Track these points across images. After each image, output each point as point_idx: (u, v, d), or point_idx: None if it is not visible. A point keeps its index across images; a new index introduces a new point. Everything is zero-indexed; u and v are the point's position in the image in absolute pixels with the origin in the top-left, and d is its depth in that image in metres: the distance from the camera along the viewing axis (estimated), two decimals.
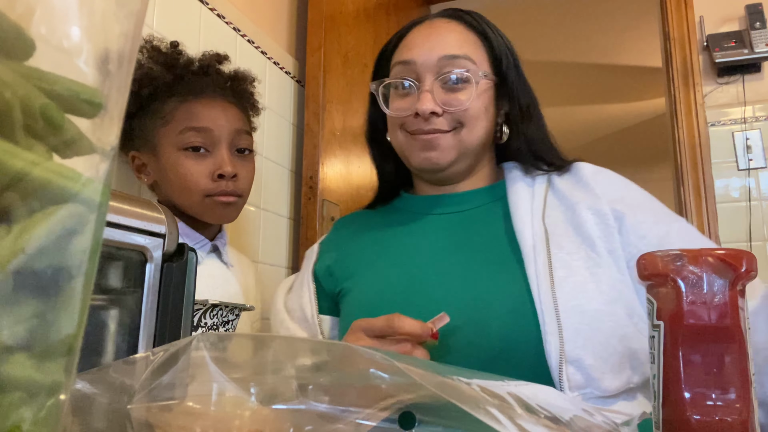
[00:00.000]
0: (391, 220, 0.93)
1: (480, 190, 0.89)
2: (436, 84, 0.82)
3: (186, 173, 0.93)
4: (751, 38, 1.78)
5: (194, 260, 0.49)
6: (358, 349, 0.31)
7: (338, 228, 1.00)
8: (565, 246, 0.75)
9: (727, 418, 0.36)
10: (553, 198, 0.83)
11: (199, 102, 0.96)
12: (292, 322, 0.88)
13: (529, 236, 0.77)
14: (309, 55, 1.69)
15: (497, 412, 0.27)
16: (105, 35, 0.20)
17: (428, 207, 0.90)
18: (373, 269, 0.86)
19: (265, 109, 1.56)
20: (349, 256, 0.91)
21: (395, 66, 0.87)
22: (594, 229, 0.76)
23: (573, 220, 0.78)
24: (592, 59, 3.77)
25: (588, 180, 0.83)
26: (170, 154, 0.94)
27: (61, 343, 0.20)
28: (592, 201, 0.79)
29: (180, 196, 0.95)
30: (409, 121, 0.84)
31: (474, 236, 0.83)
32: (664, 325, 0.39)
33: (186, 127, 0.94)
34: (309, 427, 0.28)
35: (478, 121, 0.83)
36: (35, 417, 0.19)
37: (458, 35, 0.85)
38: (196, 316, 0.76)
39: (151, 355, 0.32)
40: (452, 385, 0.29)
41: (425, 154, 0.83)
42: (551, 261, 0.73)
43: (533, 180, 0.87)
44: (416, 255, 0.84)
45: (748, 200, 1.77)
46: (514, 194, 0.84)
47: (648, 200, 0.83)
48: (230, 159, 0.96)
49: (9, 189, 0.17)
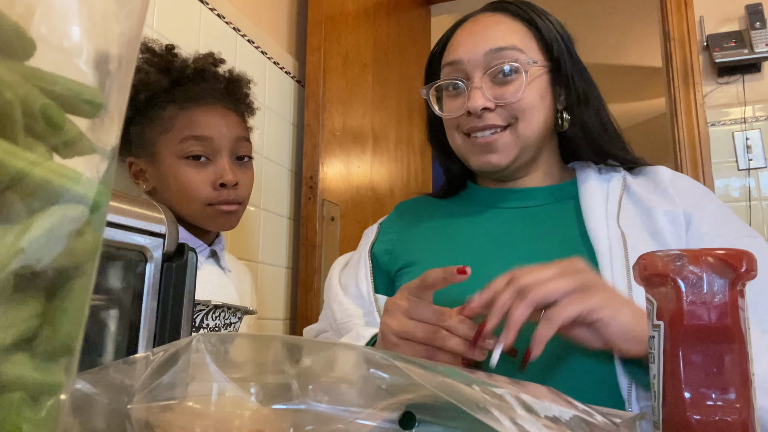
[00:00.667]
0: (456, 209, 0.91)
1: (547, 188, 0.87)
2: (485, 79, 0.80)
3: (187, 182, 0.93)
4: (751, 38, 1.78)
5: (194, 260, 0.49)
6: (357, 348, 0.31)
7: (401, 211, 0.99)
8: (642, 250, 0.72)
9: (727, 418, 0.36)
10: (629, 201, 0.80)
11: (199, 109, 0.96)
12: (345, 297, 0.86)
13: (605, 237, 0.75)
14: (309, 55, 1.69)
15: (497, 412, 0.27)
16: (105, 35, 0.20)
17: (494, 200, 0.89)
18: (435, 254, 0.84)
19: (265, 109, 1.56)
20: (411, 239, 0.89)
21: (444, 68, 0.86)
22: (669, 237, 0.74)
23: (649, 225, 0.76)
24: (592, 59, 3.76)
25: (666, 185, 0.80)
26: (171, 161, 0.94)
27: (61, 343, 0.20)
28: (670, 207, 0.77)
29: (180, 204, 0.95)
30: (463, 120, 0.82)
31: (543, 233, 0.81)
32: (664, 325, 0.39)
33: (187, 135, 0.93)
34: (309, 427, 0.28)
35: (534, 111, 0.81)
36: (35, 417, 0.19)
37: (503, 26, 0.83)
38: (198, 317, 0.76)
39: (151, 355, 0.32)
40: (452, 385, 0.29)
41: (484, 158, 0.82)
42: (628, 265, 0.71)
43: (608, 180, 0.84)
44: (481, 245, 0.82)
45: (748, 200, 1.77)
46: (587, 193, 0.82)
47: (720, 212, 0.79)
48: (231, 167, 0.96)
49: (9, 189, 0.17)
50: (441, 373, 0.32)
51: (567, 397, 0.38)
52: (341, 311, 0.84)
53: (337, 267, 0.95)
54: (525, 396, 0.33)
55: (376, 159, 1.91)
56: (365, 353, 0.31)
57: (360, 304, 0.85)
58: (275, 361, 0.32)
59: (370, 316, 0.83)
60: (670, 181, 0.81)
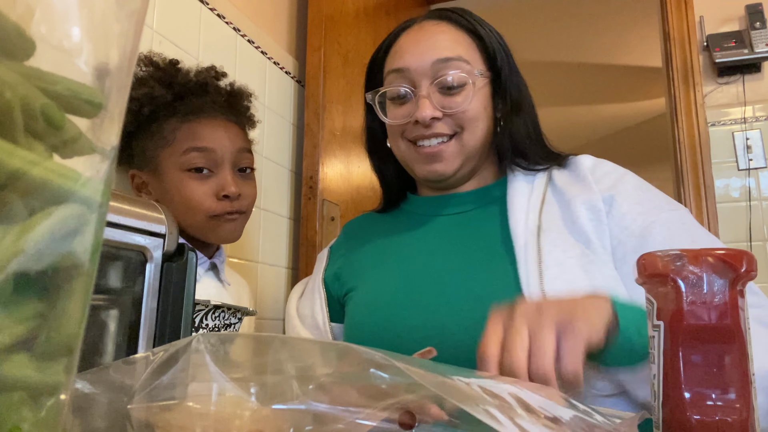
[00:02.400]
0: (396, 223, 0.93)
1: (482, 190, 0.88)
2: (433, 88, 0.81)
3: (190, 194, 0.93)
4: (751, 38, 1.78)
5: (194, 260, 0.49)
6: (357, 349, 0.31)
7: (347, 233, 1.01)
8: (559, 243, 0.74)
9: (727, 418, 0.36)
10: (551, 194, 0.82)
11: (200, 122, 0.96)
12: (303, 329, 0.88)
13: (522, 234, 0.76)
14: (309, 55, 1.69)
15: (497, 412, 0.27)
16: (105, 35, 0.20)
17: (433, 208, 0.90)
18: (376, 272, 0.86)
19: (265, 109, 1.56)
20: (355, 261, 0.91)
21: (389, 74, 0.86)
22: (588, 225, 0.75)
23: (568, 216, 0.77)
24: (592, 59, 3.77)
25: (586, 174, 0.81)
26: (173, 174, 0.94)
27: (61, 343, 0.20)
28: (588, 195, 0.78)
29: (184, 216, 0.94)
30: (410, 128, 0.83)
31: (470, 236, 0.83)
32: (664, 325, 0.39)
33: (189, 147, 0.93)
34: (309, 428, 0.28)
35: (477, 122, 0.83)
36: (35, 417, 0.19)
37: (449, 36, 0.84)
38: (197, 317, 0.76)
39: (151, 355, 0.32)
40: (452, 385, 0.29)
41: (430, 167, 0.83)
42: (542, 259, 0.73)
43: (534, 176, 0.85)
44: (416, 257, 0.84)
45: (748, 200, 1.77)
46: (513, 192, 0.83)
47: (641, 190, 0.80)
48: (234, 179, 0.96)
49: (8, 188, 0.17)
50: (441, 372, 0.32)
51: (567, 397, 0.38)
52: None
53: (295, 295, 0.96)
54: (525, 396, 0.33)
55: None
56: (365, 353, 0.31)
57: (317, 335, 0.86)
58: (275, 361, 0.32)
59: None
60: (590, 170, 0.82)
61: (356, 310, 0.85)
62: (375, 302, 0.82)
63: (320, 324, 0.87)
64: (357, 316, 0.84)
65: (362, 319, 0.83)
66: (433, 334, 0.74)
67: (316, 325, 0.87)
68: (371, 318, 0.81)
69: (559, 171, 0.85)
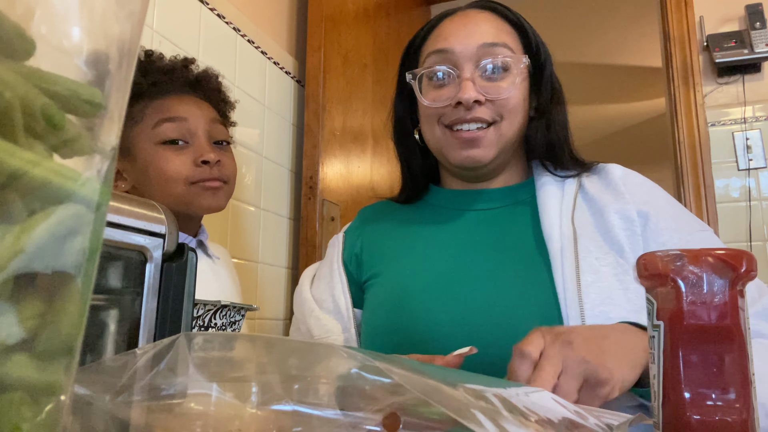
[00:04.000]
0: (420, 214, 0.90)
1: (510, 188, 0.87)
2: (477, 73, 0.79)
3: (166, 165, 0.90)
4: (751, 38, 1.78)
5: (194, 260, 0.49)
6: (340, 349, 0.31)
7: (364, 217, 0.98)
8: (593, 250, 0.73)
9: (727, 418, 0.36)
10: (582, 201, 0.81)
11: (170, 98, 0.94)
12: (322, 313, 0.85)
13: (557, 239, 0.75)
14: (309, 55, 1.69)
15: (481, 414, 0.27)
16: (105, 35, 0.20)
17: (460, 203, 0.88)
18: (401, 261, 0.84)
19: (265, 109, 1.56)
20: (377, 246, 0.89)
21: (429, 56, 0.83)
22: (621, 235, 0.75)
23: (601, 224, 0.76)
24: (592, 59, 3.77)
25: (617, 183, 0.81)
26: (147, 150, 0.91)
27: (61, 344, 0.20)
28: (621, 205, 0.77)
29: (163, 190, 0.91)
30: (449, 112, 0.80)
31: (502, 236, 0.81)
32: (664, 325, 0.39)
33: (160, 119, 0.91)
34: (298, 429, 0.28)
35: (517, 112, 0.81)
36: (35, 417, 0.19)
37: (495, 24, 0.83)
38: (207, 317, 0.76)
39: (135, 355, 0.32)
40: (435, 386, 0.29)
41: (467, 152, 0.80)
42: (579, 265, 0.72)
43: (563, 182, 0.84)
44: (445, 251, 0.82)
45: (748, 200, 1.77)
46: (544, 194, 0.82)
47: (673, 207, 0.81)
48: (211, 147, 0.94)
49: (7, 188, 0.17)
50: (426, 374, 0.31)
51: (558, 399, 0.38)
52: (319, 327, 0.83)
53: (307, 279, 0.93)
54: (512, 398, 0.33)
55: (376, 159, 1.91)
56: (347, 353, 0.30)
57: (338, 319, 0.84)
58: (260, 363, 0.32)
59: (347, 332, 0.83)
60: (621, 179, 0.82)
61: (379, 299, 0.82)
62: (401, 294, 0.80)
63: (342, 309, 0.84)
64: (380, 308, 0.82)
65: (385, 312, 0.80)
66: (462, 334, 0.72)
67: (338, 310, 0.84)
68: (396, 311, 0.79)
69: (588, 178, 0.84)
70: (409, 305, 0.78)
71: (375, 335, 0.80)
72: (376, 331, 0.81)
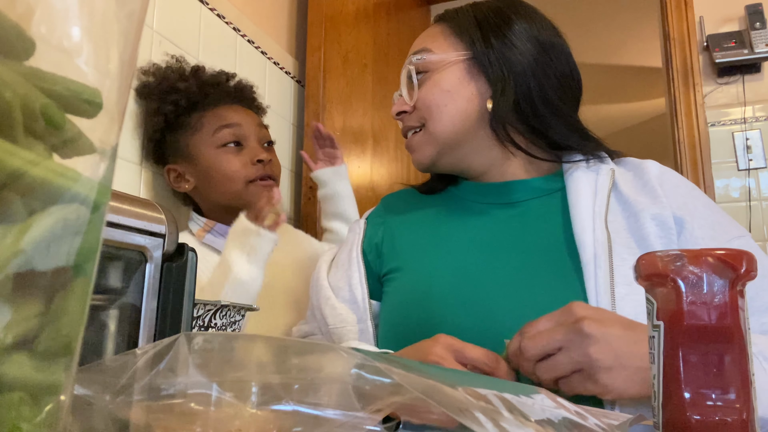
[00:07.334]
0: (444, 206, 0.89)
1: (534, 181, 0.84)
2: (404, 84, 0.85)
3: (228, 166, 1.07)
4: (751, 38, 1.78)
5: (194, 260, 0.49)
6: (340, 349, 0.31)
7: (386, 205, 0.96)
8: (627, 258, 0.70)
9: (727, 419, 0.36)
10: (616, 202, 0.77)
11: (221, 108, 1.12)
12: (338, 302, 0.84)
13: (590, 243, 0.72)
14: (309, 55, 1.69)
15: (481, 415, 0.27)
16: (105, 35, 0.20)
17: (484, 196, 0.86)
18: (423, 257, 0.82)
19: (266, 109, 1.56)
20: (398, 238, 0.87)
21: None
22: (657, 243, 0.71)
23: (636, 230, 0.73)
24: (592, 59, 3.77)
25: (654, 183, 0.77)
26: (208, 154, 1.08)
27: (61, 343, 0.20)
28: (658, 210, 0.74)
29: (224, 189, 1.07)
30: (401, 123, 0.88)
31: (530, 234, 0.79)
32: (664, 325, 0.39)
33: (219, 126, 1.08)
34: (298, 429, 0.28)
35: (441, 107, 0.80)
36: (35, 417, 0.19)
37: (430, 32, 0.87)
38: (207, 317, 0.76)
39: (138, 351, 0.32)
40: (434, 386, 0.29)
41: (412, 157, 0.87)
42: (613, 275, 0.69)
43: (596, 173, 0.80)
44: (469, 248, 0.80)
45: (748, 200, 1.77)
46: (575, 189, 0.78)
47: (711, 212, 0.77)
48: (263, 148, 1.13)
49: (8, 188, 0.17)
50: (426, 374, 0.31)
51: (558, 399, 0.38)
52: (334, 316, 0.83)
53: (324, 265, 0.91)
54: (511, 397, 0.33)
55: (376, 159, 1.91)
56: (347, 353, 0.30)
57: (354, 310, 0.83)
58: (260, 363, 0.32)
59: (363, 323, 0.81)
60: (658, 179, 0.78)
61: (399, 297, 0.81)
62: (423, 295, 0.78)
63: (359, 299, 0.83)
64: (401, 307, 0.80)
65: (406, 311, 0.78)
66: (486, 338, 0.68)
67: (354, 300, 0.83)
68: (417, 312, 0.77)
69: (622, 174, 0.81)
70: (431, 307, 0.76)
71: (393, 334, 0.79)
72: (395, 329, 0.79)
